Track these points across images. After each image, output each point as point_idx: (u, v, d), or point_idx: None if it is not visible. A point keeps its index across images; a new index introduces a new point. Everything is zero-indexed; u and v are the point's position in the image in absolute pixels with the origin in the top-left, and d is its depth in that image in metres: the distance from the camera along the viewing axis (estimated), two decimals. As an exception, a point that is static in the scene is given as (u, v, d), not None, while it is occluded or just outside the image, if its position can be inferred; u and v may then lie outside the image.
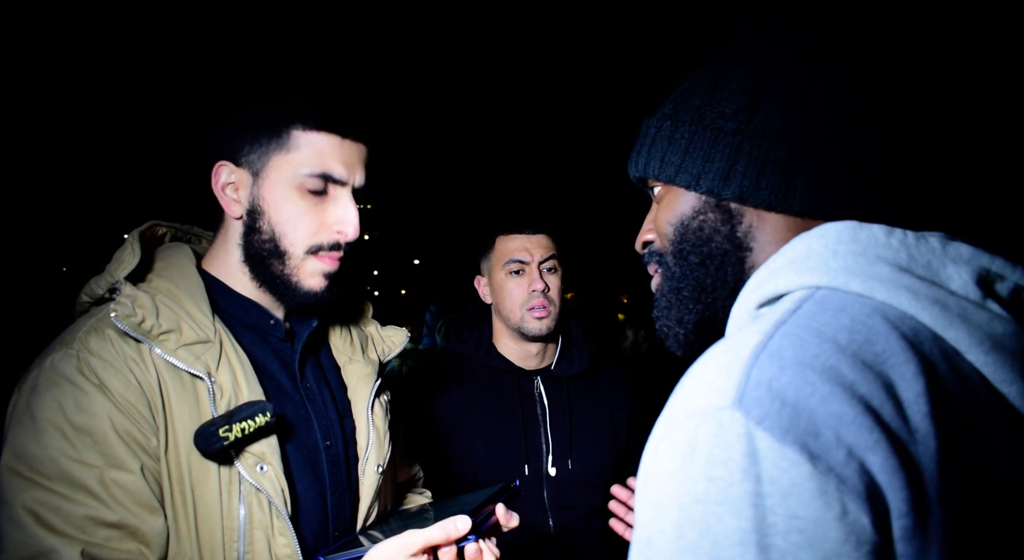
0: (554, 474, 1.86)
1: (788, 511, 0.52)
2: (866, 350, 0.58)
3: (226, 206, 1.15)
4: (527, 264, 1.90)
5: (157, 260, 1.16)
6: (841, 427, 0.53)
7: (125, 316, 1.01)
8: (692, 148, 0.80)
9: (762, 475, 0.52)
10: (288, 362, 1.21)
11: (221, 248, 1.19)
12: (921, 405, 0.56)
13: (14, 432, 0.97)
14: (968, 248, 0.69)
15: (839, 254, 0.67)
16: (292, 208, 1.12)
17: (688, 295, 0.83)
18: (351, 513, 1.22)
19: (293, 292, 1.15)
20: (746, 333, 0.63)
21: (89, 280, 1.12)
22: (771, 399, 0.54)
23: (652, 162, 0.85)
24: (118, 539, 0.96)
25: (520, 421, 1.89)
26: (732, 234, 0.79)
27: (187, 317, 1.07)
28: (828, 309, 0.62)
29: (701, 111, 0.80)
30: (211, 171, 1.14)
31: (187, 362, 1.04)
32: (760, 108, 0.77)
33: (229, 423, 1.01)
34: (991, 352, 0.62)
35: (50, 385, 0.98)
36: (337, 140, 1.13)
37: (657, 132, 0.85)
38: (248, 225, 1.14)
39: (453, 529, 0.95)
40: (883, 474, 0.52)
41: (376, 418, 1.29)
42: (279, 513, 1.06)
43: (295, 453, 1.14)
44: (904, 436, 0.54)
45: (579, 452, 1.90)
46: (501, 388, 1.93)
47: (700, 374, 0.61)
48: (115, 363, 1.00)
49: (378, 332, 1.42)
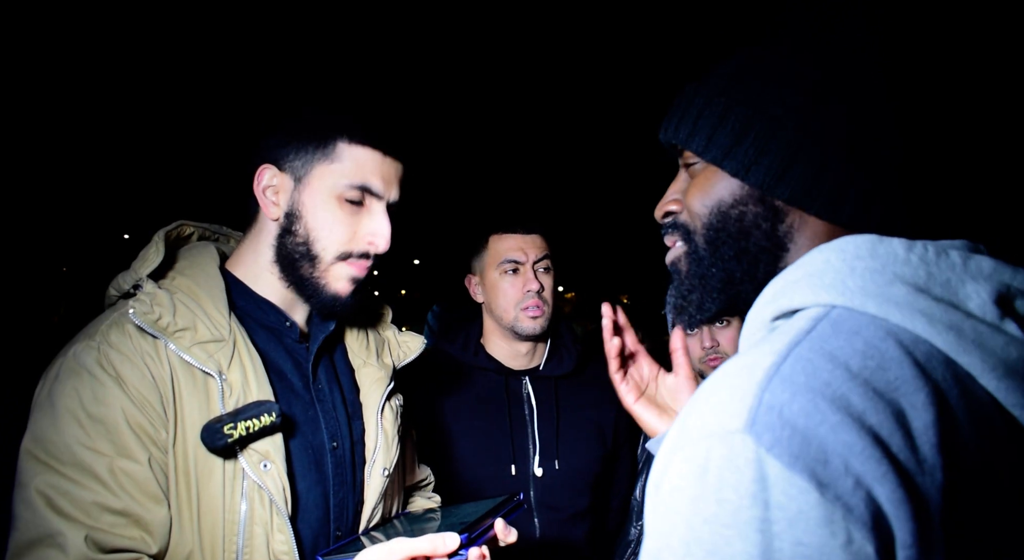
0: (540, 474, 1.86)
1: (794, 537, 0.52)
2: (878, 377, 0.58)
3: (264, 207, 1.19)
4: (522, 264, 1.92)
5: (182, 259, 1.21)
6: (850, 457, 0.53)
7: (143, 313, 1.06)
8: (746, 135, 0.76)
9: (770, 501, 0.53)
10: (301, 363, 1.24)
11: (250, 248, 1.23)
12: (930, 436, 0.56)
13: (35, 417, 1.02)
14: (990, 262, 0.68)
15: (856, 272, 0.66)
16: (329, 215, 1.17)
17: (715, 285, 0.81)
18: (354, 514, 1.24)
19: (319, 294, 1.19)
20: (760, 352, 0.62)
21: (116, 275, 1.16)
22: (782, 426, 0.55)
23: (697, 136, 0.80)
24: (122, 526, 0.99)
25: (507, 421, 1.89)
26: (773, 232, 0.77)
27: (203, 316, 1.11)
28: (842, 331, 0.62)
29: (759, 97, 0.76)
30: (254, 173, 1.19)
31: (200, 359, 1.07)
32: (824, 110, 0.74)
33: (235, 421, 1.04)
34: (1004, 377, 0.62)
35: (71, 374, 1.03)
36: (379, 156, 1.19)
37: (706, 105, 0.80)
38: (284, 227, 1.19)
39: (442, 544, 0.97)
40: (890, 505, 0.52)
41: (385, 422, 1.31)
42: (279, 511, 1.08)
43: (301, 452, 1.16)
44: (912, 467, 0.54)
45: (566, 452, 1.89)
46: (489, 388, 1.93)
47: (714, 393, 0.61)
48: (132, 357, 1.05)
49: (395, 337, 1.45)
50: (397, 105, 8.25)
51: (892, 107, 0.76)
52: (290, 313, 1.25)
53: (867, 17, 0.72)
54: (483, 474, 1.83)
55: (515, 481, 1.84)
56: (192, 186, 10.23)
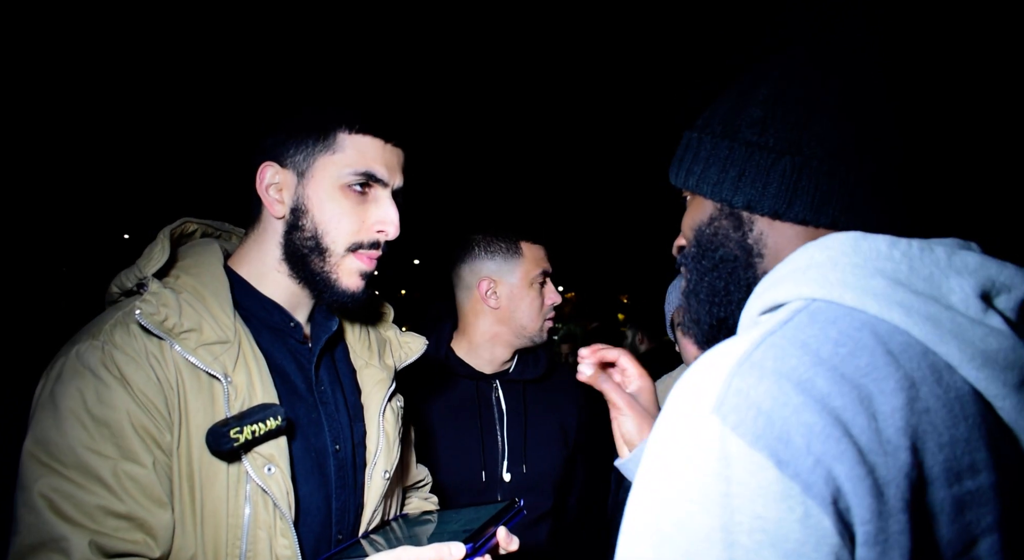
0: (508, 479, 1.85)
1: (753, 511, 0.55)
2: (848, 363, 0.61)
3: (269, 205, 1.18)
4: (550, 276, 1.92)
5: (186, 257, 1.19)
6: (811, 436, 0.56)
7: (149, 314, 1.04)
8: (712, 158, 0.84)
9: (732, 477, 0.56)
10: (305, 365, 1.24)
11: (254, 247, 1.22)
12: (896, 419, 0.58)
13: (38, 418, 1.01)
14: (976, 258, 0.70)
15: (838, 266, 0.69)
16: (336, 207, 1.16)
17: (704, 297, 0.86)
18: (355, 517, 1.23)
19: (332, 289, 1.19)
20: (737, 341, 0.66)
21: (119, 272, 1.15)
22: (747, 407, 0.58)
23: (681, 172, 0.89)
24: (126, 530, 0.98)
25: (478, 427, 1.87)
26: (743, 241, 0.82)
27: (209, 317, 1.10)
28: (818, 322, 0.65)
29: (724, 123, 0.84)
30: (256, 172, 1.18)
31: (205, 362, 1.06)
32: (773, 121, 0.79)
33: (241, 424, 1.03)
34: (983, 368, 0.64)
35: (74, 374, 1.01)
36: (380, 143, 1.19)
37: (687, 143, 0.89)
38: (291, 223, 1.18)
39: (447, 554, 0.97)
40: (848, 482, 0.55)
41: (387, 424, 1.30)
42: (282, 515, 1.07)
43: (304, 455, 1.16)
44: (874, 448, 0.57)
45: (532, 457, 1.89)
46: (459, 393, 1.90)
47: (690, 378, 0.65)
48: (137, 358, 1.03)
49: (397, 338, 1.44)
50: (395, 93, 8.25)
51: (892, 107, 0.78)
52: (294, 313, 1.24)
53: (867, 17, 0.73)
54: (454, 481, 1.80)
55: (485, 487, 1.83)
56: (193, 186, 10.24)
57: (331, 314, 1.31)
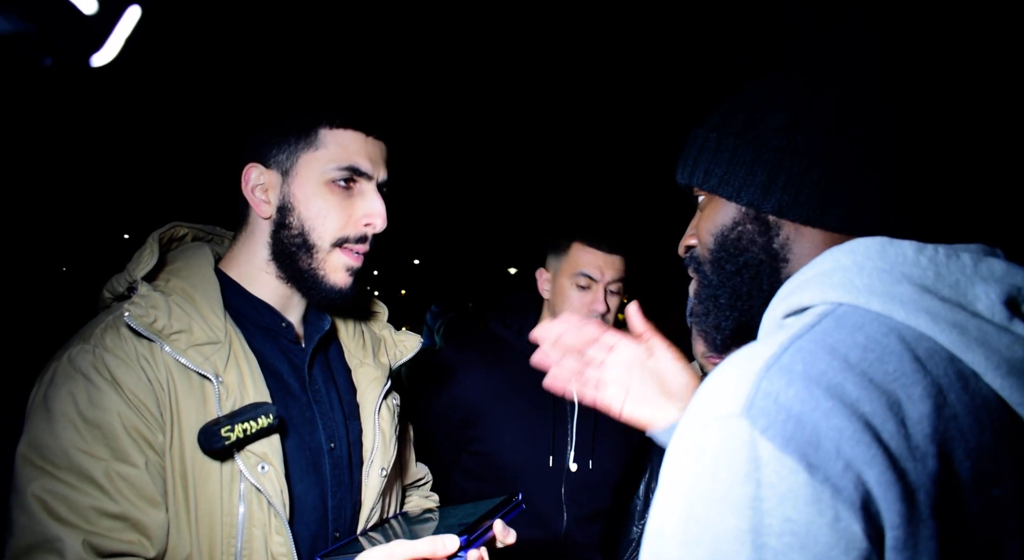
0: (574, 470, 1.88)
1: (783, 514, 0.55)
2: (876, 369, 0.60)
3: (255, 206, 1.19)
4: (595, 282, 1.91)
5: (176, 260, 1.20)
6: (841, 441, 0.56)
7: (138, 316, 1.05)
8: (736, 161, 0.83)
9: (762, 480, 0.56)
10: (298, 364, 1.24)
11: (243, 249, 1.23)
12: (924, 426, 0.58)
13: (31, 421, 1.02)
14: (1003, 265, 0.70)
15: (865, 271, 0.69)
16: (321, 202, 1.17)
17: (725, 302, 0.86)
18: (352, 515, 1.24)
19: (319, 286, 1.19)
20: (764, 344, 0.65)
21: (111, 277, 1.16)
22: (777, 410, 0.58)
23: (697, 171, 0.88)
24: (120, 530, 0.99)
25: (551, 413, 1.90)
26: (768, 245, 0.82)
27: (199, 318, 1.11)
28: (845, 326, 0.64)
29: (747, 126, 0.83)
30: (241, 174, 1.19)
31: (196, 362, 1.07)
32: (803, 127, 0.79)
33: (232, 423, 1.03)
34: (1008, 376, 0.63)
35: (66, 378, 1.02)
36: (361, 137, 1.20)
37: (704, 142, 0.88)
38: (278, 223, 1.19)
39: (441, 546, 0.97)
40: (878, 487, 0.55)
41: (383, 422, 1.31)
42: (277, 513, 1.07)
43: (298, 454, 1.16)
44: (903, 453, 0.57)
45: (600, 452, 1.92)
46: (537, 378, 1.92)
47: (718, 380, 0.64)
48: (128, 361, 1.04)
49: (391, 336, 1.45)
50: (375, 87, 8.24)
51: (892, 107, 0.78)
52: (285, 313, 1.25)
53: (867, 17, 0.73)
54: (520, 462, 1.84)
55: (551, 473, 1.86)
56: (191, 186, 10.23)
57: (324, 314, 1.31)
